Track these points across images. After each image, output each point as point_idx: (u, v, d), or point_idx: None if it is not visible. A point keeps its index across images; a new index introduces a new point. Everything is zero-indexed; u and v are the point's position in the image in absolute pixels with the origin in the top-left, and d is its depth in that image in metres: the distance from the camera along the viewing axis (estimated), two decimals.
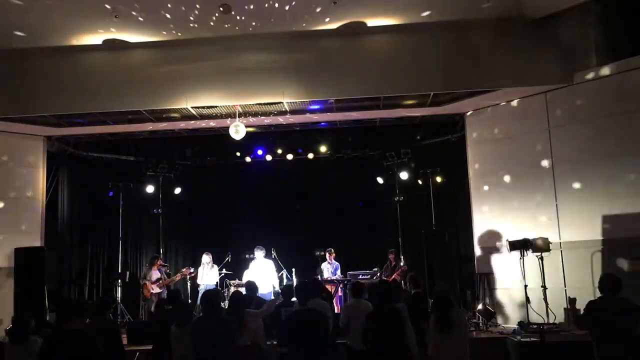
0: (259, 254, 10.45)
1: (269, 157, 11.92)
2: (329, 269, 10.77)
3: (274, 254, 10.90)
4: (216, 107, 8.89)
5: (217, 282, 10.51)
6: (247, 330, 5.74)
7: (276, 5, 7.51)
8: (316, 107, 9.29)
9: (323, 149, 11.89)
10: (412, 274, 8.23)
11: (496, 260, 9.28)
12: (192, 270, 10.58)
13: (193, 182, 12.62)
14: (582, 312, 5.49)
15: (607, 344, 4.85)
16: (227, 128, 8.86)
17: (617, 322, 4.84)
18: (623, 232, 7.71)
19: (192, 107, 8.75)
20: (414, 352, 5.28)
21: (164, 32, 8.20)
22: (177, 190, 12.16)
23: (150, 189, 11.62)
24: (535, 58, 8.21)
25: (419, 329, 5.54)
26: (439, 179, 10.85)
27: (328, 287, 9.71)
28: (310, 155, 11.90)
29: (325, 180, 12.26)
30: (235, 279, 10.65)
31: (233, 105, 8.87)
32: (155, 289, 10.24)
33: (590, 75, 8.03)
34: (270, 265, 10.51)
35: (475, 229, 9.63)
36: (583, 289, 7.94)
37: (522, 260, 8.27)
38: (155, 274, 10.33)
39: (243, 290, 10.00)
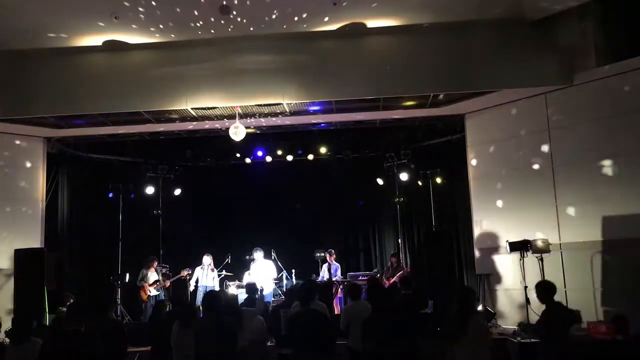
0: (258, 255, 10.45)
1: (268, 158, 11.93)
2: (329, 269, 10.77)
3: (273, 255, 10.90)
4: (216, 108, 8.89)
5: (216, 285, 10.49)
6: (246, 330, 5.75)
7: (276, 6, 7.52)
8: (316, 108, 9.29)
9: (323, 150, 11.90)
10: (404, 275, 8.21)
11: (496, 261, 9.28)
12: (190, 271, 10.58)
13: (193, 183, 12.63)
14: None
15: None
16: (227, 129, 8.86)
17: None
18: (623, 233, 7.72)
19: (192, 108, 8.76)
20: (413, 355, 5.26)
21: (164, 34, 8.20)
22: (177, 192, 12.17)
23: (150, 190, 11.63)
24: (535, 59, 8.21)
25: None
26: (438, 180, 10.86)
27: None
28: (310, 157, 11.90)
29: (325, 181, 12.27)
30: (235, 280, 10.66)
31: (233, 107, 8.87)
32: (153, 291, 10.24)
33: (590, 76, 8.04)
34: (270, 265, 10.52)
35: (475, 230, 9.64)
36: (583, 290, 7.95)
37: (522, 261, 8.27)
38: (152, 276, 10.33)
39: (243, 291, 10.04)
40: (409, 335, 5.33)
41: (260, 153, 11.94)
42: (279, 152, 11.91)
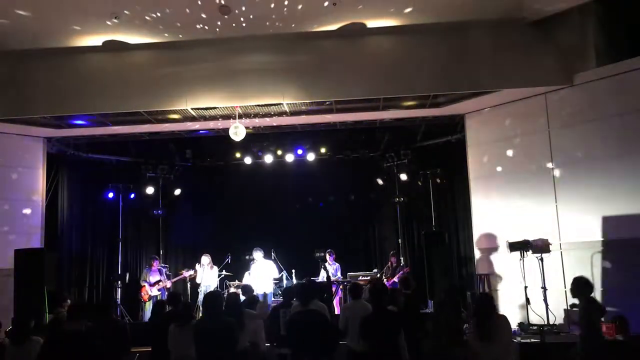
0: (258, 255, 10.45)
1: (269, 158, 11.93)
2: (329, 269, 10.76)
3: (273, 255, 10.90)
4: (216, 108, 8.89)
5: (216, 284, 10.50)
6: (246, 331, 5.75)
7: (276, 6, 7.52)
8: (316, 108, 9.29)
9: (323, 150, 11.90)
10: (404, 276, 8.19)
11: (496, 262, 9.29)
12: (191, 272, 10.58)
13: (193, 183, 12.63)
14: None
15: None
16: (227, 129, 8.86)
17: None
18: (623, 233, 7.72)
19: (192, 108, 8.76)
20: (404, 355, 5.26)
21: (164, 34, 8.20)
22: (177, 192, 12.17)
23: (150, 190, 11.63)
24: (535, 59, 8.21)
25: (408, 332, 5.49)
26: (438, 180, 10.86)
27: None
28: (311, 157, 11.91)
29: (325, 181, 12.27)
30: (235, 280, 10.65)
31: (233, 107, 8.87)
32: (154, 291, 10.24)
33: (590, 76, 8.04)
34: (270, 265, 10.52)
35: (475, 230, 9.64)
36: None
37: (522, 261, 8.28)
38: (153, 276, 10.34)
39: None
40: (408, 335, 5.33)
41: (260, 153, 11.94)
42: (279, 152, 11.91)
